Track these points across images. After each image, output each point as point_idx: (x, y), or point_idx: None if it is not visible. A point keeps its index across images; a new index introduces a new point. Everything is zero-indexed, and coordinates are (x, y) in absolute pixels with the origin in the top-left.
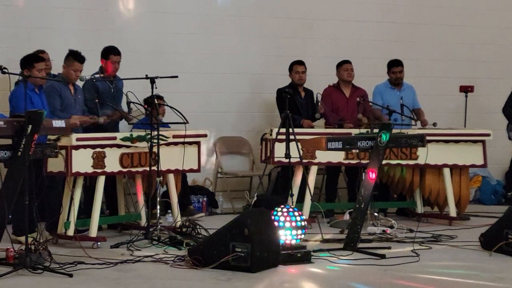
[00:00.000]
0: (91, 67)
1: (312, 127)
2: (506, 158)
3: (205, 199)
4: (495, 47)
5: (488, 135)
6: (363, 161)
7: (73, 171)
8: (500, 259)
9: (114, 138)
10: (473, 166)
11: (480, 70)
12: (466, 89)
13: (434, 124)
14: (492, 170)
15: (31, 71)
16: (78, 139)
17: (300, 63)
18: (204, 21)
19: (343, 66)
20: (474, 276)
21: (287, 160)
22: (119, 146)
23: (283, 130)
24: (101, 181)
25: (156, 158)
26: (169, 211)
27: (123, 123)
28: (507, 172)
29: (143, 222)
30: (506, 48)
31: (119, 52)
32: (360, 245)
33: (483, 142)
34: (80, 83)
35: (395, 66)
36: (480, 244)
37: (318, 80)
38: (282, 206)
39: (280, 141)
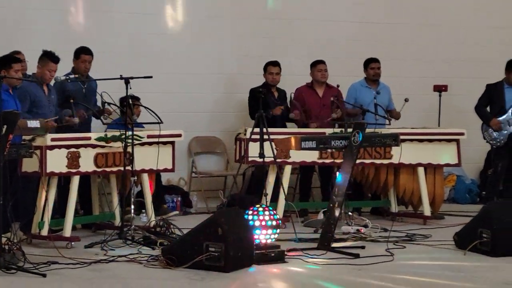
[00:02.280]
0: (67, 68)
1: (283, 111)
2: (481, 157)
3: (179, 198)
4: (468, 46)
5: (462, 134)
6: (337, 161)
7: (48, 171)
8: (474, 258)
9: (89, 138)
10: (447, 165)
11: (453, 70)
12: (440, 89)
13: (406, 100)
14: (467, 169)
15: (9, 72)
16: (52, 139)
17: (275, 64)
18: (178, 22)
19: (317, 66)
20: (448, 275)
21: (261, 160)
22: (93, 146)
23: (257, 130)
24: (75, 181)
25: (131, 158)
26: (143, 210)
27: (95, 124)
28: (481, 171)
29: (117, 222)
30: (479, 47)
31: (91, 52)
32: (334, 244)
33: (457, 141)
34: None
35: (373, 62)
36: (455, 243)
37: (293, 80)
38: (256, 205)
39: (254, 140)
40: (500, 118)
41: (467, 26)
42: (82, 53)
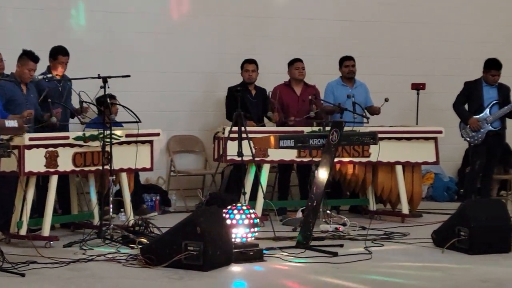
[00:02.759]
0: (45, 67)
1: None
2: (459, 155)
3: (158, 197)
4: (446, 44)
5: (440, 132)
6: (316, 159)
7: (26, 170)
8: (452, 256)
9: (67, 138)
10: (425, 163)
11: (431, 67)
12: (417, 87)
13: (386, 100)
14: (445, 167)
15: None
16: (31, 139)
17: (251, 61)
18: (156, 20)
19: (294, 64)
20: (426, 273)
21: (239, 158)
22: (72, 145)
23: (235, 128)
24: (53, 181)
25: (109, 157)
26: (122, 210)
27: (73, 124)
28: (459, 169)
29: (96, 221)
30: (456, 45)
31: (67, 52)
32: (313, 243)
33: (435, 139)
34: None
35: (347, 60)
36: (433, 241)
37: (271, 78)
38: (235, 204)
39: (233, 139)
40: (478, 117)
41: (444, 24)
42: (60, 54)
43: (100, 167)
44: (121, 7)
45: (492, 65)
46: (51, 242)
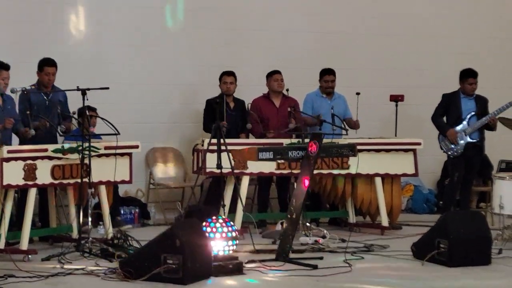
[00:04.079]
0: (24, 79)
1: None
2: (438, 166)
3: (137, 210)
4: (425, 56)
5: (419, 144)
6: (295, 171)
7: (4, 183)
8: (432, 268)
9: (46, 150)
10: (404, 175)
11: (410, 79)
12: (396, 98)
13: (357, 93)
14: (424, 179)
15: None
16: (9, 151)
17: (229, 74)
18: (135, 32)
19: (273, 76)
20: (407, 286)
21: (218, 171)
22: (50, 158)
23: (214, 140)
24: (32, 194)
25: (88, 169)
26: (101, 223)
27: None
28: (438, 181)
29: (75, 234)
30: (435, 57)
31: (54, 63)
32: (292, 255)
33: (414, 151)
34: (14, 96)
35: (327, 74)
36: (412, 253)
37: (249, 90)
38: (214, 217)
39: (212, 151)
40: (457, 128)
41: (423, 36)
42: (45, 65)
43: (79, 180)
44: (100, 19)
45: (469, 74)
46: (29, 256)
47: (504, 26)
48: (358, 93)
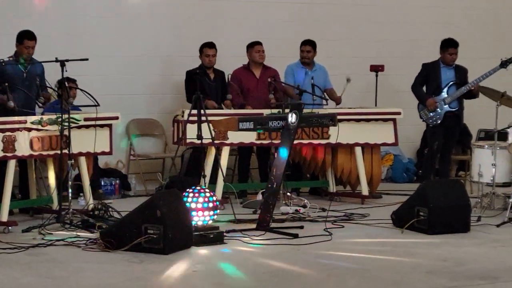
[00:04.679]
0: (1, 51)
1: (215, 108)
2: (417, 136)
3: (117, 181)
4: (404, 26)
5: (399, 113)
6: (275, 141)
7: None
8: (412, 236)
9: (24, 122)
10: (384, 144)
11: (390, 50)
12: (376, 69)
13: (348, 80)
14: (404, 148)
15: None
16: None
17: (211, 45)
18: (114, 4)
19: (255, 47)
20: (386, 254)
21: (199, 142)
22: (29, 129)
23: (194, 111)
24: (11, 165)
25: (67, 141)
26: (81, 194)
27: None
28: (418, 150)
29: (55, 205)
30: (414, 27)
31: (34, 36)
32: (273, 225)
33: (394, 120)
34: None
35: (303, 45)
36: (392, 221)
37: (229, 61)
38: (195, 187)
39: (192, 122)
40: (436, 98)
41: (402, 6)
42: (25, 38)
43: (59, 152)
44: None
45: (449, 44)
46: (10, 228)
47: None
48: (348, 80)
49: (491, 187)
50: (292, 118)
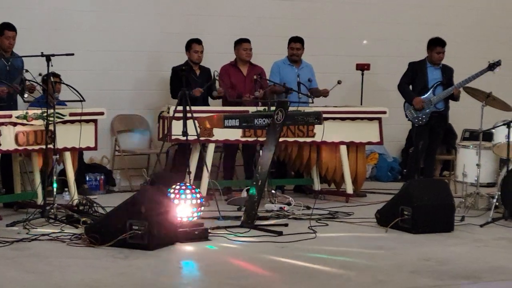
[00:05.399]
0: None
1: (202, 92)
2: (402, 135)
3: (102, 177)
4: (391, 25)
5: (384, 112)
6: (260, 139)
7: None
8: (396, 235)
9: (10, 116)
10: (369, 143)
11: (376, 48)
12: (362, 67)
13: (339, 82)
14: (389, 147)
15: None
16: None
17: (199, 42)
18: None
19: (243, 45)
20: (370, 252)
21: (184, 138)
22: (14, 124)
23: (180, 108)
24: None
25: (52, 136)
26: (66, 189)
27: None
28: (403, 149)
29: (40, 200)
30: (401, 26)
31: (14, 28)
32: (258, 222)
33: (379, 119)
34: None
35: (293, 42)
36: (376, 220)
37: (215, 58)
38: (180, 183)
39: (177, 118)
40: (422, 97)
41: (389, 5)
42: (6, 29)
43: (44, 146)
44: None
45: (437, 43)
46: None
47: None
48: (339, 82)
49: (475, 187)
50: (277, 116)
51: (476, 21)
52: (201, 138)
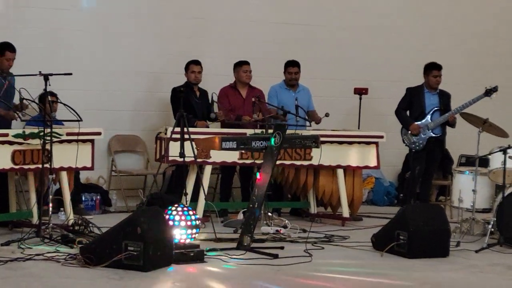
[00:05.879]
0: None
1: (207, 127)
2: (399, 160)
3: (98, 197)
4: (389, 50)
5: (381, 137)
6: (258, 161)
7: None
8: (391, 259)
9: (6, 135)
10: (366, 167)
11: (374, 73)
12: (360, 91)
13: (327, 115)
14: (385, 172)
15: None
16: None
17: (197, 63)
18: (99, 18)
19: (242, 67)
20: (366, 276)
21: (181, 159)
22: (11, 143)
23: (178, 129)
24: None
25: (49, 155)
26: (62, 209)
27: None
28: (399, 173)
29: (35, 219)
30: (399, 51)
31: (14, 49)
32: (254, 244)
33: (376, 144)
34: None
35: (291, 66)
36: (372, 244)
37: (214, 80)
38: (176, 205)
39: (175, 140)
40: (419, 123)
41: (387, 30)
42: (7, 50)
43: (40, 166)
44: (63, 4)
45: (433, 67)
46: None
47: (466, 23)
48: (327, 115)
49: (471, 212)
50: (275, 139)
51: (473, 47)
52: (198, 160)
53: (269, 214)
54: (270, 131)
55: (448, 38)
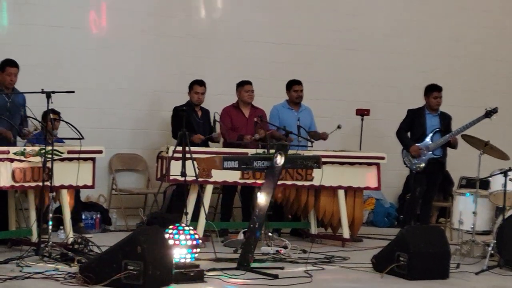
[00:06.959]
0: None
1: (203, 140)
2: (400, 181)
3: (98, 215)
4: (391, 71)
5: (382, 158)
6: (259, 181)
7: None
8: (391, 280)
9: (7, 152)
10: (367, 188)
11: (376, 94)
12: (362, 112)
13: (339, 127)
14: (386, 193)
15: None
16: None
17: (201, 83)
18: (102, 37)
19: (245, 87)
20: None
21: (182, 178)
22: (11, 160)
23: (179, 148)
24: None
25: (50, 173)
26: (61, 227)
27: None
28: (400, 195)
29: (34, 237)
30: (400, 73)
31: (16, 64)
32: (254, 265)
33: (377, 165)
34: None
35: (296, 84)
36: (372, 266)
37: (215, 100)
38: (176, 224)
39: (176, 159)
40: (420, 144)
41: (389, 52)
42: (8, 66)
43: (40, 183)
44: (66, 22)
45: (433, 88)
46: None
47: (467, 45)
48: (339, 126)
49: (471, 234)
50: (277, 159)
51: (474, 69)
52: (200, 179)
53: (270, 234)
54: (272, 151)
55: (448, 60)
